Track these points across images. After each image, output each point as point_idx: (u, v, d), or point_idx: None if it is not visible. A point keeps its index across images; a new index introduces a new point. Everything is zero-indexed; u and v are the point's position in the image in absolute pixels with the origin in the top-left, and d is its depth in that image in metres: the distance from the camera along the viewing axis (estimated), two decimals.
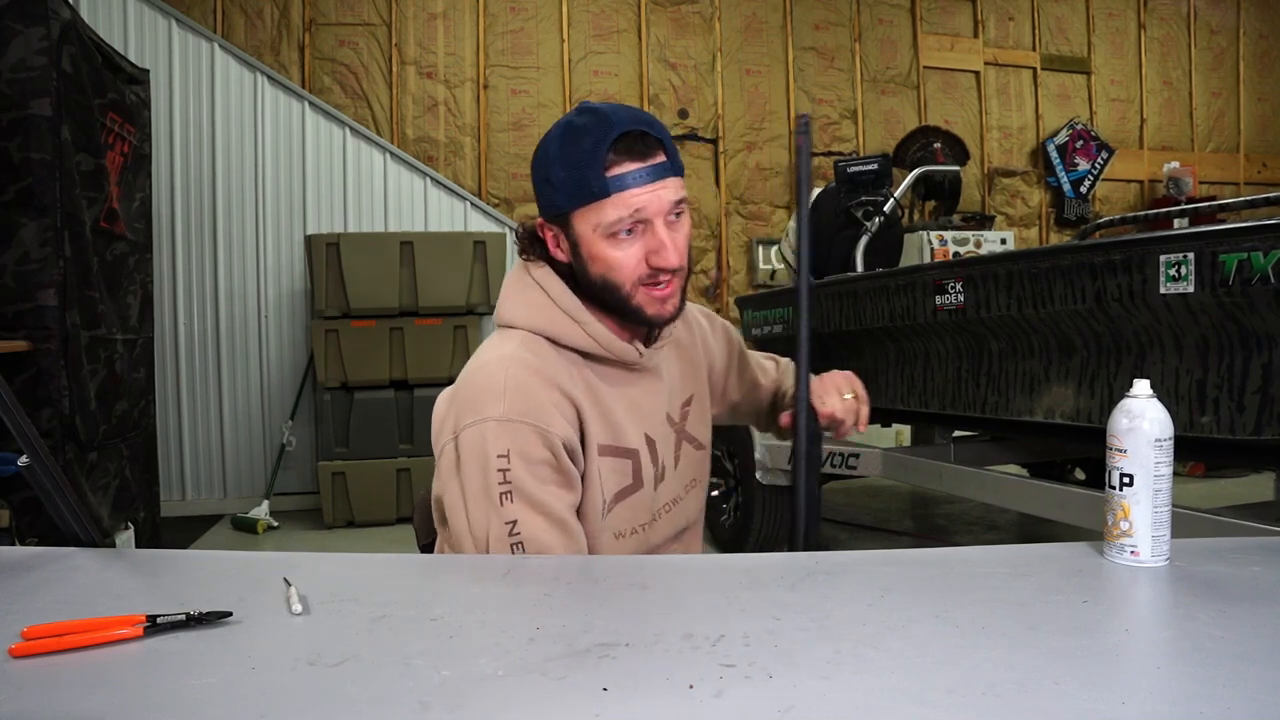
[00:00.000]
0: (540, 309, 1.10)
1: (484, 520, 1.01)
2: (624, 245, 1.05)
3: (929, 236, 4.39)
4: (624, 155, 1.02)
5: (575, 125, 1.04)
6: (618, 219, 1.03)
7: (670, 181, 1.05)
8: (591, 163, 1.02)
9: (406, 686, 0.64)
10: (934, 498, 4.82)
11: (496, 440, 1.01)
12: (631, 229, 1.04)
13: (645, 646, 0.71)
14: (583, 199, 1.03)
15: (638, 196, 1.03)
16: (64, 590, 0.87)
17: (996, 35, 6.24)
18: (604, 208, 1.03)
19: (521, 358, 1.06)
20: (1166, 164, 6.36)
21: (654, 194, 1.03)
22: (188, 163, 4.68)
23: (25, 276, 2.70)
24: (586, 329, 1.09)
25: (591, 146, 1.02)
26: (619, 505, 1.12)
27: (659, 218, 1.05)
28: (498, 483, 1.01)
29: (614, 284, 1.06)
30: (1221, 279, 1.82)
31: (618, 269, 1.06)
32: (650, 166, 1.03)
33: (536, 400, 1.03)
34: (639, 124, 1.04)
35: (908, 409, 3.06)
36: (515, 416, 1.01)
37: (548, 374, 1.05)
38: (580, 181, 1.03)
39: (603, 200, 1.03)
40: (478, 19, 5.26)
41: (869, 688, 0.64)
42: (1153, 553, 0.93)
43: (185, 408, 4.69)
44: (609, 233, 1.04)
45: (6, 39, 2.68)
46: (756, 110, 5.73)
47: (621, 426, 1.12)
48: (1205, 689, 0.63)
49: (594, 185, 1.02)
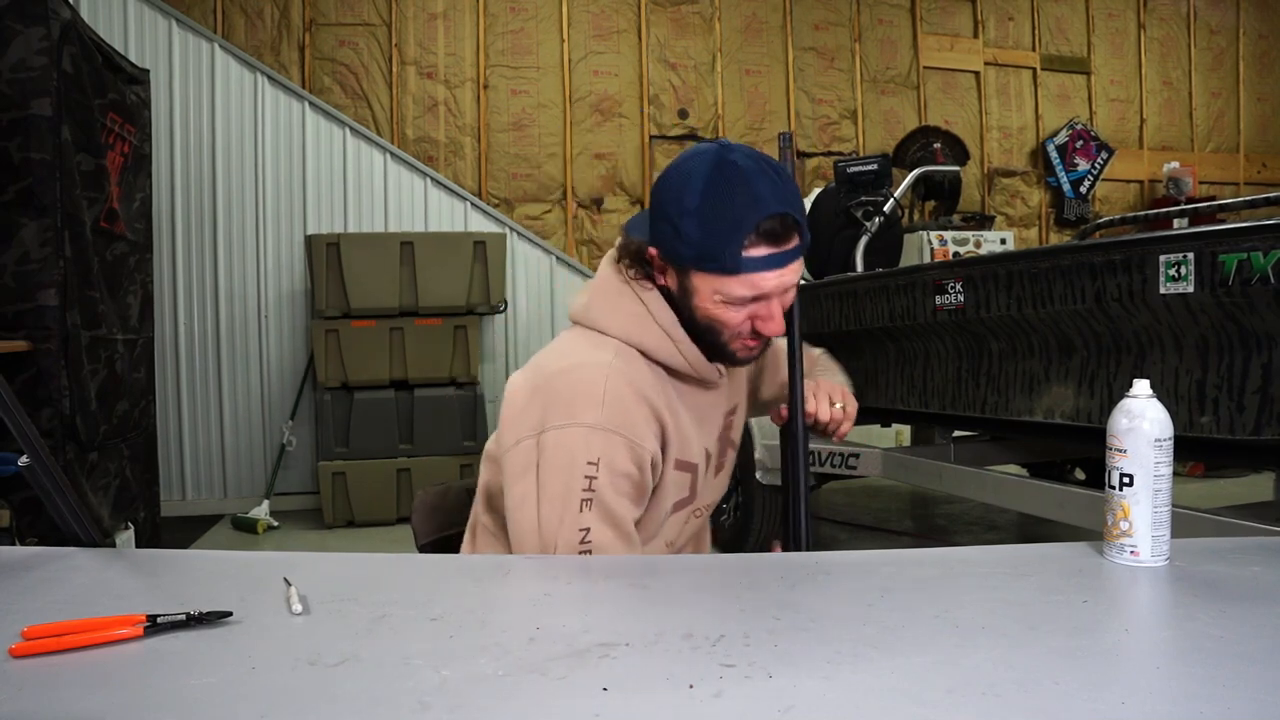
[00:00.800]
0: (639, 322, 1.10)
1: (556, 522, 1.01)
2: (736, 309, 1.06)
3: (929, 236, 4.39)
4: (763, 239, 1.01)
5: (720, 185, 1.01)
6: (740, 296, 1.04)
7: (797, 265, 1.06)
8: (731, 239, 1.01)
9: (406, 686, 0.64)
10: (934, 498, 4.82)
11: (588, 447, 1.01)
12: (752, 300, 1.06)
13: (645, 646, 0.71)
14: (712, 268, 1.03)
15: (766, 280, 1.03)
16: (64, 590, 0.87)
17: (996, 35, 6.24)
18: (730, 282, 1.03)
19: (620, 369, 1.06)
20: (1166, 164, 6.36)
21: (781, 278, 1.04)
22: (188, 163, 4.68)
23: (25, 276, 2.70)
24: (681, 348, 1.10)
25: (734, 222, 1.00)
26: (674, 515, 1.15)
27: (776, 296, 1.06)
28: (581, 489, 1.00)
29: (715, 331, 1.09)
30: (1221, 279, 1.82)
31: (726, 325, 1.08)
32: (785, 252, 1.03)
33: (632, 414, 1.04)
34: (786, 206, 1.02)
35: (908, 409, 3.06)
36: (610, 427, 1.02)
37: (640, 388, 1.06)
38: (714, 252, 1.02)
39: (731, 275, 1.03)
40: (478, 19, 5.26)
41: (869, 688, 0.64)
42: (1153, 553, 0.93)
43: (185, 408, 4.69)
44: (727, 300, 1.05)
45: (7, 39, 2.68)
46: (756, 110, 5.73)
47: (689, 441, 1.14)
48: (1205, 689, 0.63)
49: (727, 261, 1.02)
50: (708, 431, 1.20)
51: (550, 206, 5.39)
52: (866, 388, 3.29)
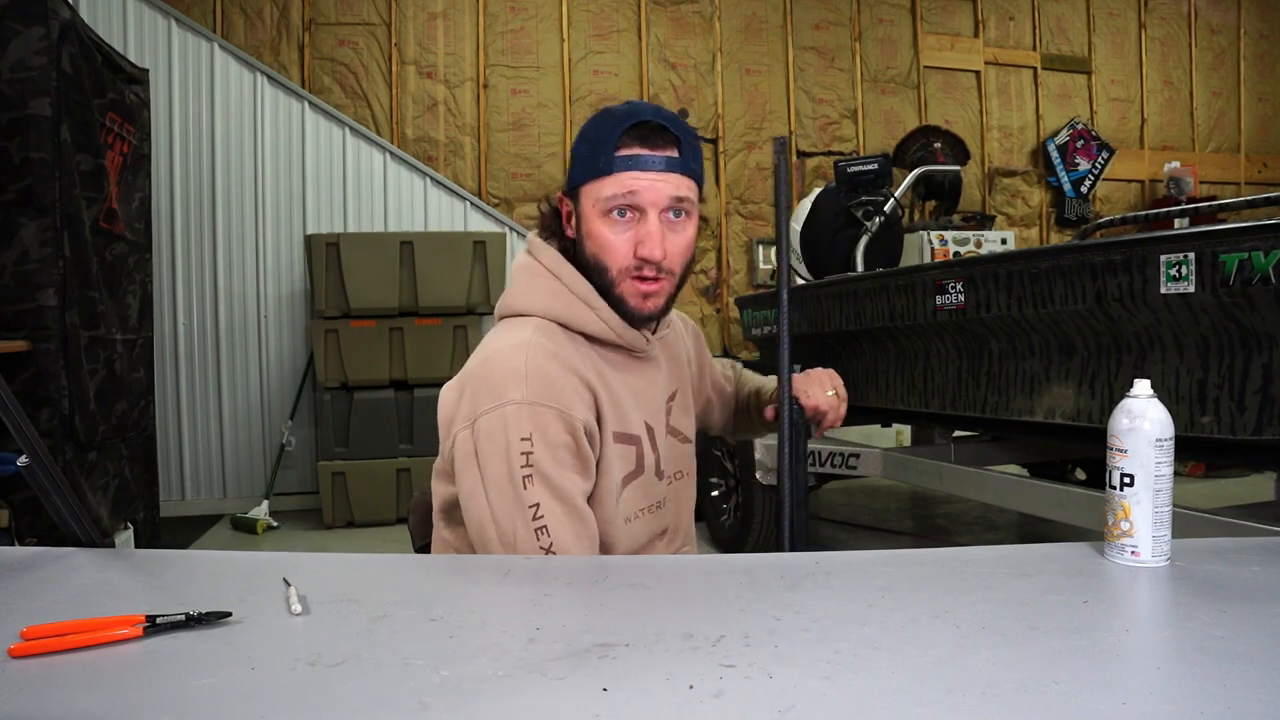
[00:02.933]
0: (554, 294, 1.11)
1: (507, 505, 1.01)
2: (617, 228, 1.08)
3: (929, 236, 4.39)
4: (634, 140, 1.06)
5: (608, 110, 1.10)
6: (611, 195, 1.06)
7: (674, 177, 1.07)
8: (606, 140, 1.06)
9: (406, 686, 0.64)
10: (934, 498, 4.82)
11: (518, 423, 1.01)
12: (625, 212, 1.07)
13: (645, 646, 0.71)
14: (591, 173, 1.08)
15: (636, 180, 1.06)
16: (64, 590, 0.87)
17: (997, 35, 6.24)
18: (604, 183, 1.07)
19: (539, 343, 1.06)
20: (1167, 164, 6.36)
21: (652, 182, 1.06)
22: (188, 163, 4.68)
23: (25, 276, 2.70)
24: (599, 314, 1.11)
25: (610, 126, 1.07)
26: (626, 490, 1.13)
27: (653, 209, 1.07)
28: (520, 465, 1.00)
29: (603, 265, 1.09)
30: (1222, 279, 1.82)
31: (608, 251, 1.08)
32: (656, 156, 1.06)
33: (557, 384, 1.03)
34: (661, 119, 1.08)
35: (908, 409, 3.06)
36: (538, 400, 1.01)
37: (565, 359, 1.06)
38: (592, 157, 1.08)
39: (605, 177, 1.07)
40: (478, 19, 5.26)
41: (869, 688, 0.64)
42: (1153, 553, 0.93)
43: (185, 408, 4.69)
44: (604, 209, 1.07)
45: (6, 39, 2.68)
46: (756, 110, 5.73)
47: (627, 412, 1.13)
48: (1205, 689, 0.63)
49: (601, 161, 1.07)
50: (645, 406, 1.17)
51: None
52: (866, 388, 3.29)
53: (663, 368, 1.23)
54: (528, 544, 1.01)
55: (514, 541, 1.01)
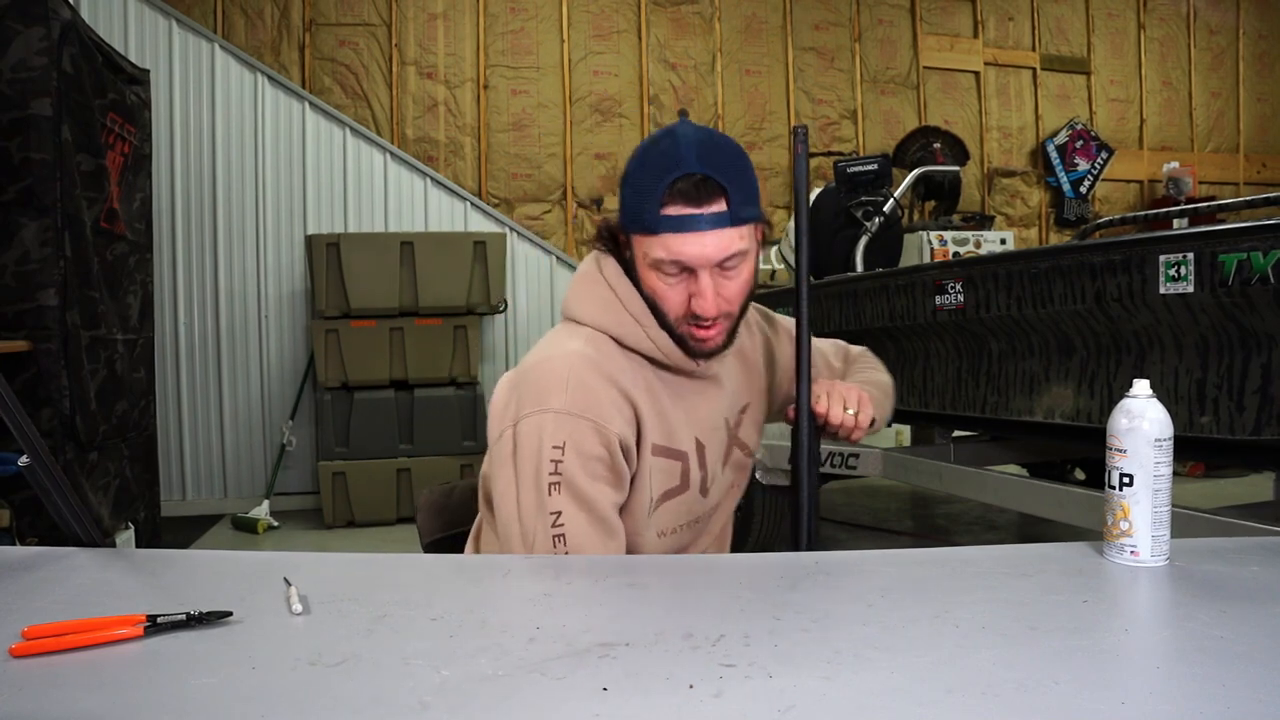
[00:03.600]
0: (608, 308, 1.11)
1: (531, 509, 1.03)
2: (669, 282, 1.06)
3: (929, 236, 4.39)
4: (678, 198, 1.01)
5: (652, 147, 1.05)
6: (658, 258, 1.04)
7: (726, 232, 1.03)
8: (650, 195, 1.02)
9: (406, 686, 0.64)
10: (934, 498, 4.82)
11: (554, 432, 1.02)
12: (675, 272, 1.05)
13: (645, 646, 0.71)
14: (637, 228, 1.06)
15: (683, 243, 1.02)
16: (64, 590, 0.87)
17: (996, 35, 6.24)
18: (651, 243, 1.04)
19: (586, 354, 1.07)
20: (1166, 164, 6.36)
21: (699, 244, 1.02)
22: (188, 163, 4.68)
23: (25, 276, 2.70)
24: (649, 333, 1.10)
25: (653, 178, 1.02)
26: (664, 505, 1.13)
27: (704, 269, 1.04)
28: (549, 473, 1.02)
29: (660, 312, 1.09)
30: (1221, 279, 1.82)
31: (663, 300, 1.07)
32: (702, 215, 1.02)
33: (597, 397, 1.04)
34: (707, 167, 1.02)
35: (908, 409, 3.06)
36: (575, 411, 1.03)
37: (609, 372, 1.07)
38: (637, 210, 1.04)
39: (651, 236, 1.04)
40: (478, 19, 5.26)
41: (869, 688, 0.64)
42: (1152, 553, 0.93)
43: (185, 408, 4.69)
44: (653, 266, 1.06)
45: (7, 39, 2.68)
46: (756, 110, 5.73)
47: (675, 429, 1.13)
48: (1205, 689, 0.63)
49: (646, 219, 1.03)
50: (699, 424, 1.17)
51: (550, 206, 5.39)
52: None
53: (726, 386, 1.22)
54: (544, 549, 1.02)
55: (533, 544, 1.03)
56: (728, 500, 1.27)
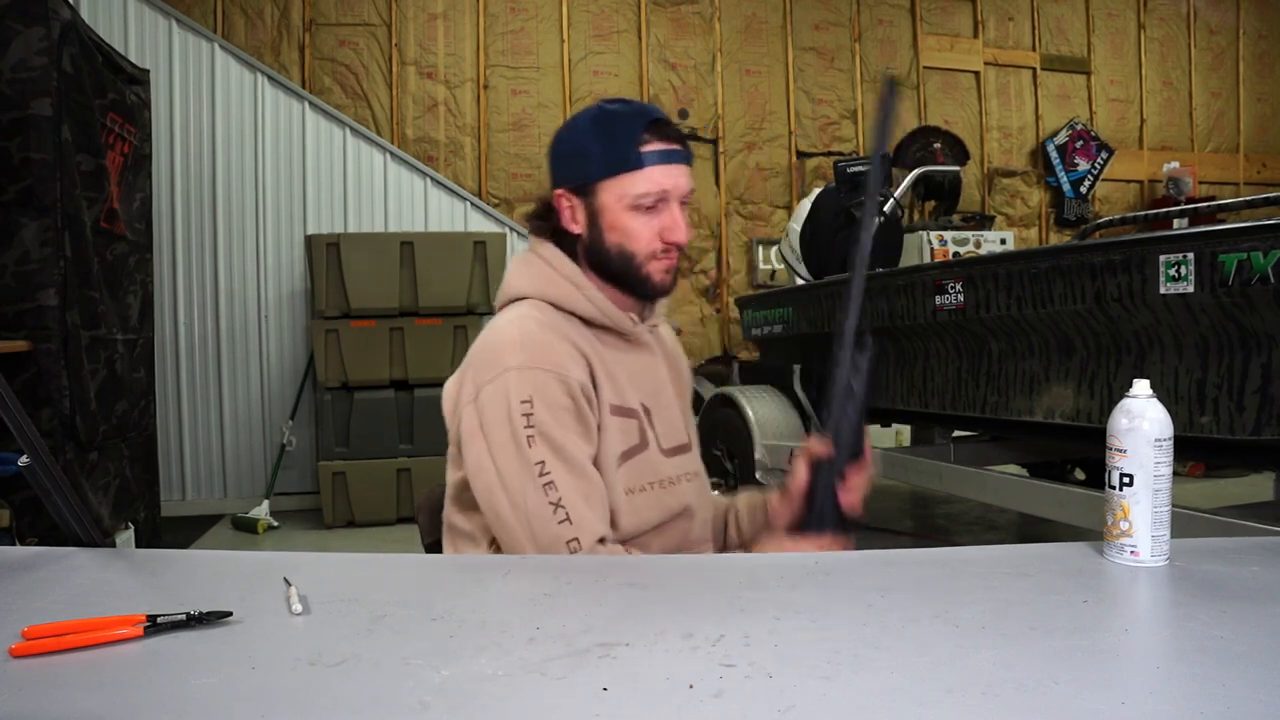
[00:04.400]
0: (544, 277, 1.17)
1: (513, 467, 1.04)
2: (643, 218, 1.13)
3: (929, 236, 4.39)
4: (657, 137, 1.12)
5: (609, 109, 1.14)
6: (644, 191, 1.12)
7: (687, 168, 1.16)
8: (630, 139, 1.11)
9: (406, 686, 0.64)
10: (934, 498, 4.82)
11: (519, 388, 1.05)
12: (653, 205, 1.13)
13: (645, 646, 0.71)
14: (617, 169, 1.12)
15: (665, 174, 1.12)
16: (64, 590, 0.87)
17: (996, 35, 6.24)
18: (635, 180, 1.11)
19: (533, 315, 1.12)
20: (1166, 164, 6.36)
21: (679, 175, 1.13)
22: (188, 163, 4.68)
23: (26, 276, 2.70)
24: (585, 293, 1.15)
25: (629, 125, 1.12)
26: (627, 464, 1.15)
27: (676, 199, 1.14)
28: (523, 427, 1.04)
29: (629, 253, 1.14)
30: (1221, 279, 1.82)
31: (635, 239, 1.13)
32: (679, 150, 1.14)
33: (552, 348, 1.08)
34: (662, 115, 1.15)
35: (908, 409, 3.07)
36: (534, 364, 1.06)
37: (558, 329, 1.12)
38: (619, 153, 1.11)
39: (635, 172, 1.11)
40: (478, 19, 5.26)
41: (869, 688, 0.64)
42: (1152, 553, 0.93)
43: (185, 408, 4.69)
44: (634, 204, 1.12)
45: (7, 39, 2.68)
46: (756, 110, 5.73)
47: (624, 388, 1.16)
48: (1205, 689, 0.63)
49: (631, 158, 1.11)
50: (643, 388, 1.19)
51: None
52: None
53: (660, 358, 1.25)
54: (538, 502, 1.03)
55: (524, 502, 1.03)
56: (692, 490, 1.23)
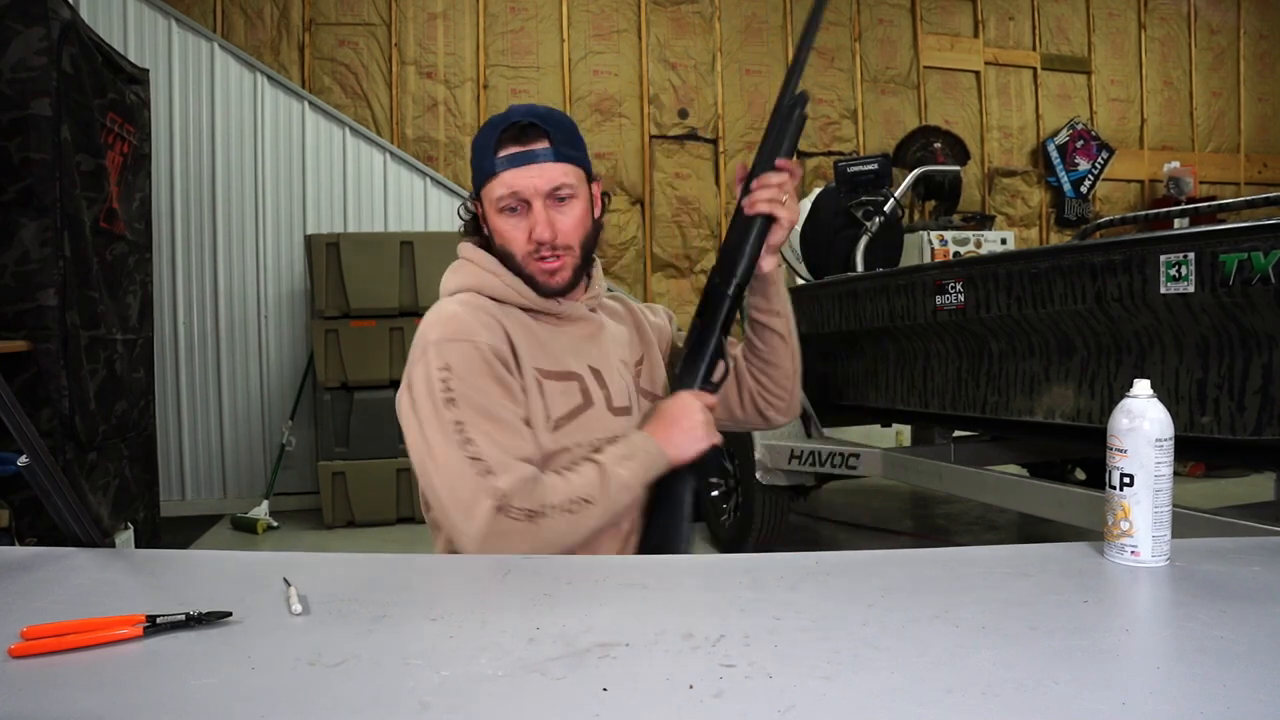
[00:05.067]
0: (466, 272, 1.24)
1: (437, 433, 1.08)
2: (512, 221, 1.19)
3: (929, 236, 4.39)
4: (508, 142, 1.17)
5: (490, 120, 1.21)
6: (499, 195, 1.18)
7: (551, 166, 1.17)
8: (487, 148, 1.18)
9: (406, 686, 0.64)
10: (934, 498, 4.82)
11: (437, 359, 1.12)
12: (515, 207, 1.18)
13: (645, 646, 0.71)
14: (481, 178, 1.20)
15: (515, 177, 1.16)
16: (64, 590, 0.87)
17: (997, 35, 6.24)
18: (493, 185, 1.18)
19: (454, 299, 1.20)
20: (1167, 164, 6.36)
21: (528, 175, 1.16)
22: (188, 163, 4.68)
23: (25, 276, 2.70)
24: (504, 280, 1.21)
25: (488, 134, 1.19)
26: (574, 422, 1.18)
27: (537, 198, 1.17)
28: (441, 393, 1.09)
29: (509, 254, 1.20)
30: (1222, 279, 1.82)
31: (510, 241, 1.20)
32: (528, 151, 1.17)
33: (466, 321, 1.14)
34: (531, 116, 1.18)
35: (908, 409, 3.07)
36: (450, 337, 1.13)
37: (477, 305, 1.18)
38: (479, 164, 1.20)
39: (493, 179, 1.18)
40: (478, 19, 5.26)
41: (869, 688, 0.64)
42: (1153, 553, 0.93)
43: (185, 408, 4.69)
44: (498, 208, 1.19)
45: (6, 39, 2.68)
46: (757, 110, 5.73)
47: (560, 355, 1.21)
48: (1205, 689, 0.63)
49: (485, 166, 1.19)
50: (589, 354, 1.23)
51: None
52: (866, 388, 3.29)
53: (609, 331, 1.29)
54: (459, 460, 1.06)
55: (448, 464, 1.06)
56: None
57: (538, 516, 1.04)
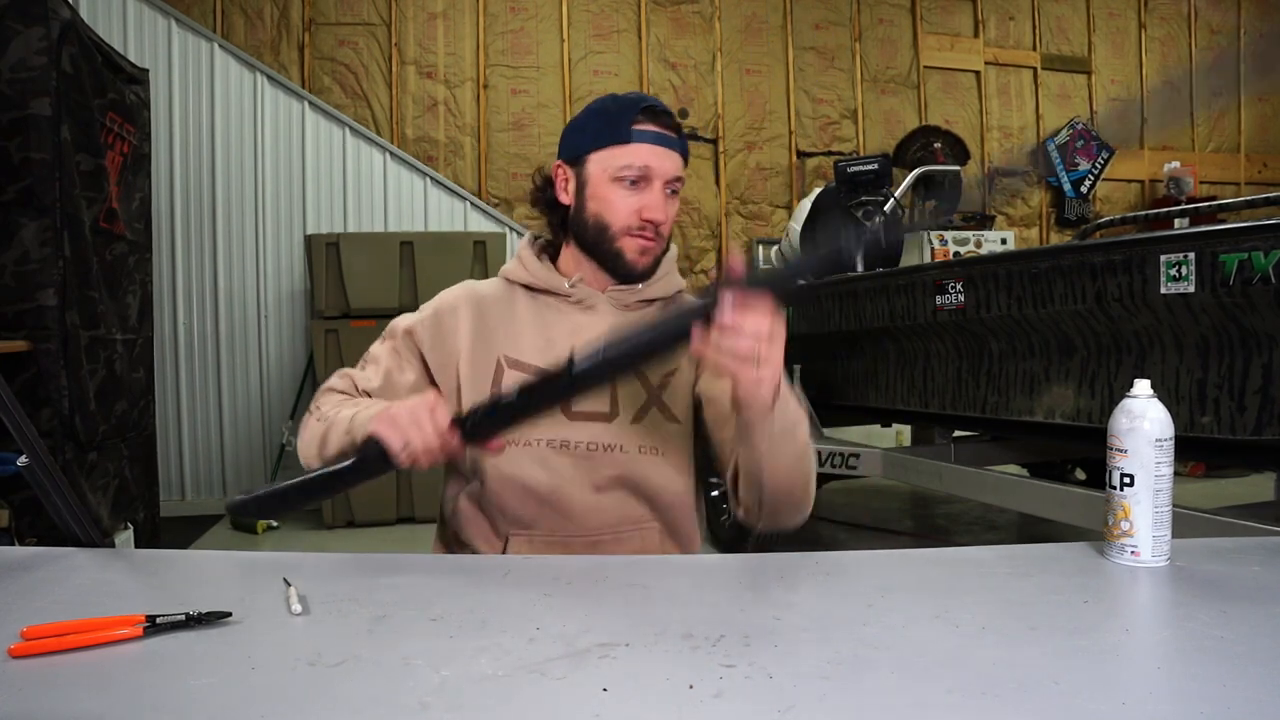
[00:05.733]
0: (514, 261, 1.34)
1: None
2: (624, 193, 1.20)
3: (929, 236, 4.39)
4: (649, 119, 1.20)
5: (608, 97, 1.25)
6: (627, 165, 1.19)
7: (678, 156, 1.22)
8: (624, 115, 1.20)
9: (406, 686, 0.64)
10: (934, 498, 4.82)
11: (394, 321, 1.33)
12: (636, 181, 1.19)
13: (645, 646, 0.71)
14: (606, 141, 1.20)
15: (651, 153, 1.19)
16: (64, 590, 0.87)
17: (997, 35, 6.24)
18: (621, 152, 1.19)
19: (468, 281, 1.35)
20: (1167, 164, 6.36)
21: (663, 157, 1.20)
22: (188, 163, 4.68)
23: (25, 276, 2.70)
24: (524, 263, 1.30)
25: (626, 105, 1.21)
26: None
27: (660, 180, 1.20)
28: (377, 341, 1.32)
29: (605, 223, 1.21)
30: (1222, 279, 1.82)
31: (613, 210, 1.21)
32: (669, 137, 1.21)
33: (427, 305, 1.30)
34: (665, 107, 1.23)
35: (908, 409, 3.06)
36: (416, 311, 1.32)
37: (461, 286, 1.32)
38: (610, 126, 1.20)
39: (623, 146, 1.19)
40: (478, 19, 5.26)
41: (869, 688, 0.64)
42: (1153, 553, 0.93)
43: (185, 408, 4.69)
44: (617, 175, 1.19)
45: (6, 39, 2.68)
46: (757, 110, 5.73)
47: (540, 348, 1.24)
48: (1205, 689, 0.63)
49: (621, 131, 1.19)
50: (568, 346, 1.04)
51: None
52: (866, 388, 3.29)
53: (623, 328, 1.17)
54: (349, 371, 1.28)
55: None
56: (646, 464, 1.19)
57: (311, 413, 1.22)
